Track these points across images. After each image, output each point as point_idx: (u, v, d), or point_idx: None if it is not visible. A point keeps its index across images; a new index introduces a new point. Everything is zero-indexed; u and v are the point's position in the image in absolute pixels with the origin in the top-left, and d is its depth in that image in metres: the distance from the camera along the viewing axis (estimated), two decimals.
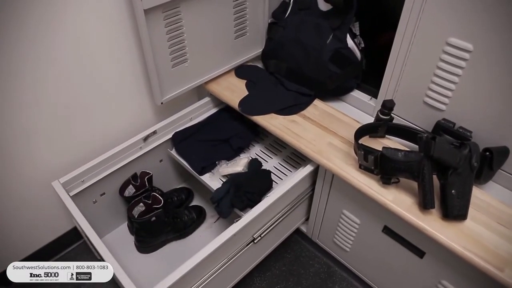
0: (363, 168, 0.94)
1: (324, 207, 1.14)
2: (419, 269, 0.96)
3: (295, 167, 1.24)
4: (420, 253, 0.93)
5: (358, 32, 1.17)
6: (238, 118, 1.26)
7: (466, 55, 0.86)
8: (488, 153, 0.88)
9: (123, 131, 1.22)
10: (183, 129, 1.26)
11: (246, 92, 1.25)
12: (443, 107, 0.97)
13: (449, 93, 0.94)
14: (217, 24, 1.16)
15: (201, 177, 1.18)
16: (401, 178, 0.91)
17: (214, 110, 1.35)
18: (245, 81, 1.29)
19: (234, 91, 1.25)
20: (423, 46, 0.94)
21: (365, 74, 1.21)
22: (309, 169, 1.06)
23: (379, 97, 1.11)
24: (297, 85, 1.24)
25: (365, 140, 1.04)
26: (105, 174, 1.13)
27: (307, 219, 1.26)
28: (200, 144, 1.22)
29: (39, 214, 1.19)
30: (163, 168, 1.35)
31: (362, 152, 0.91)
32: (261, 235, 1.04)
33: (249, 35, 1.29)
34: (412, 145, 1.00)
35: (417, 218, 0.85)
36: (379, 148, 0.88)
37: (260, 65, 1.37)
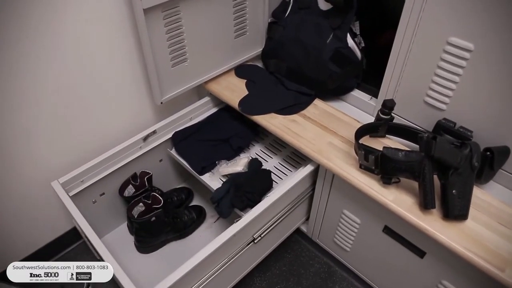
0: (364, 168, 0.94)
1: (325, 207, 1.14)
2: (420, 269, 0.95)
3: (295, 167, 1.24)
4: (421, 253, 0.93)
5: (359, 32, 1.17)
6: (238, 118, 1.26)
7: (467, 55, 0.86)
8: (489, 153, 0.88)
9: (123, 131, 1.22)
10: (183, 129, 1.26)
11: (246, 92, 1.24)
12: (444, 107, 0.97)
13: (450, 93, 0.94)
14: (217, 24, 1.16)
15: (201, 177, 1.18)
16: (402, 178, 0.90)
17: (214, 110, 1.35)
18: (245, 81, 1.29)
19: (234, 91, 1.25)
20: (424, 46, 0.93)
21: (366, 74, 1.21)
22: (309, 169, 1.05)
23: (380, 97, 1.11)
24: (297, 85, 1.23)
25: (366, 140, 1.04)
26: (105, 174, 1.13)
27: (307, 219, 1.26)
28: (200, 144, 1.22)
29: (39, 214, 1.19)
30: (163, 168, 1.35)
31: (363, 152, 0.91)
32: (261, 235, 1.04)
33: (249, 35, 1.29)
34: (413, 145, 1.00)
35: (418, 218, 0.85)
36: (380, 148, 0.88)
37: (260, 65, 1.37)
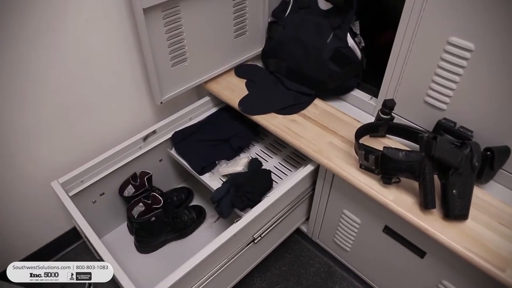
0: (364, 168, 0.94)
1: (325, 207, 1.14)
2: (420, 269, 0.95)
3: (295, 167, 1.24)
4: (421, 253, 0.92)
5: (359, 31, 1.17)
6: (238, 118, 1.25)
7: (467, 54, 0.86)
8: (489, 153, 0.87)
9: (123, 131, 1.22)
10: (183, 129, 1.25)
11: (246, 92, 1.24)
12: (444, 107, 0.97)
13: (450, 93, 0.93)
14: (217, 23, 1.16)
15: (201, 177, 1.17)
16: (402, 178, 0.90)
17: (214, 110, 1.34)
18: (245, 81, 1.29)
19: (234, 91, 1.25)
20: (424, 45, 0.93)
21: (366, 73, 1.21)
22: (310, 169, 1.05)
23: (380, 97, 1.10)
24: (297, 84, 1.23)
25: (366, 140, 1.04)
26: (105, 174, 1.13)
27: (308, 219, 1.26)
28: (200, 144, 1.22)
29: (39, 214, 1.18)
30: (163, 168, 1.35)
31: (363, 152, 0.91)
32: (261, 235, 1.04)
33: (249, 34, 1.28)
34: (413, 145, 1.00)
35: (418, 218, 0.85)
36: (380, 148, 0.88)
37: (260, 64, 1.37)
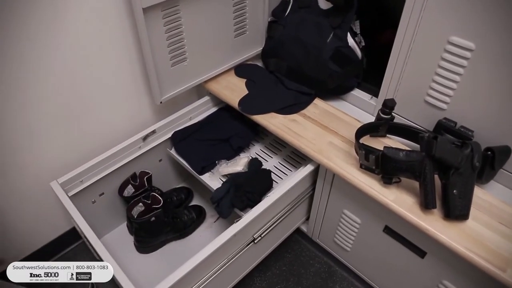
0: (364, 168, 0.93)
1: (325, 207, 1.14)
2: (420, 269, 0.95)
3: (295, 167, 1.23)
4: (421, 253, 0.92)
5: (359, 31, 1.17)
6: (238, 118, 1.25)
7: (468, 54, 0.86)
8: (490, 153, 0.87)
9: (122, 131, 1.21)
10: (183, 129, 1.25)
11: (246, 91, 1.24)
12: (445, 106, 0.96)
13: (451, 92, 0.93)
14: (217, 23, 1.16)
15: (201, 177, 1.17)
16: (403, 178, 0.90)
17: (214, 110, 1.34)
18: (245, 80, 1.29)
19: (234, 90, 1.24)
20: (425, 45, 0.93)
21: (366, 73, 1.21)
22: (310, 169, 1.05)
23: (380, 96, 1.10)
24: (297, 84, 1.23)
25: (366, 140, 1.04)
26: (104, 174, 1.13)
27: (308, 219, 1.26)
28: (200, 144, 1.22)
29: (39, 214, 1.18)
30: (163, 168, 1.34)
31: (363, 152, 0.90)
32: (261, 235, 1.03)
33: (249, 34, 1.28)
34: (414, 145, 1.00)
35: (419, 218, 0.85)
36: (380, 148, 0.88)
37: (260, 64, 1.36)
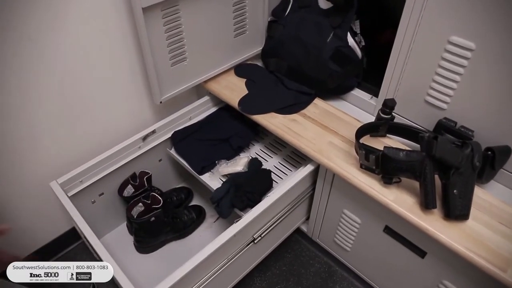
0: (364, 168, 0.93)
1: (325, 207, 1.14)
2: (420, 269, 0.95)
3: (295, 167, 1.23)
4: (422, 253, 0.92)
5: (359, 30, 1.17)
6: (238, 117, 1.25)
7: (468, 54, 0.86)
8: (490, 153, 0.87)
9: (122, 131, 1.21)
10: (183, 128, 1.25)
11: (246, 91, 1.24)
12: (445, 106, 0.96)
13: (451, 92, 0.93)
14: (217, 23, 1.15)
15: (201, 177, 1.17)
16: (403, 178, 0.90)
17: (214, 109, 1.34)
18: (245, 80, 1.28)
19: (234, 90, 1.24)
20: (425, 44, 0.93)
21: (366, 73, 1.21)
22: (310, 169, 1.05)
23: (380, 96, 1.10)
24: (297, 84, 1.23)
25: (366, 139, 1.03)
26: (104, 174, 1.12)
27: (308, 219, 1.26)
28: (200, 144, 1.22)
29: (39, 214, 1.18)
30: (162, 168, 1.34)
31: (363, 152, 0.90)
32: (261, 235, 1.03)
33: (249, 34, 1.28)
34: (414, 145, 1.00)
35: (419, 218, 0.85)
36: (380, 148, 0.88)
37: (260, 64, 1.36)
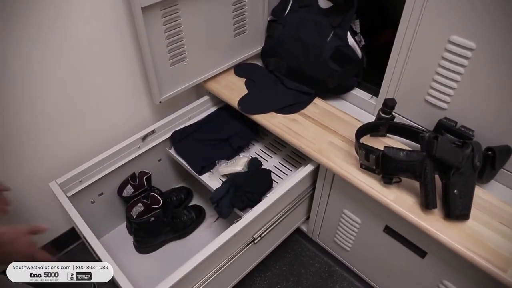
0: (364, 168, 0.93)
1: (325, 207, 1.13)
2: (421, 269, 0.95)
3: (295, 167, 1.23)
4: (422, 253, 0.92)
5: (359, 30, 1.16)
6: (238, 117, 1.25)
7: (469, 53, 0.85)
8: (491, 152, 0.87)
9: (121, 131, 1.21)
10: (182, 128, 1.25)
11: (246, 91, 1.23)
12: (445, 106, 0.96)
13: (451, 92, 0.93)
14: (216, 22, 1.15)
15: (201, 177, 1.17)
16: (403, 178, 0.90)
17: (213, 109, 1.34)
18: (245, 80, 1.28)
19: (234, 90, 1.24)
20: (425, 44, 0.93)
21: (366, 72, 1.20)
22: (310, 169, 1.05)
23: (380, 96, 1.10)
24: (297, 84, 1.23)
25: (366, 139, 1.03)
26: (103, 174, 1.12)
27: (308, 219, 1.26)
28: (199, 143, 1.21)
29: (38, 214, 1.17)
30: (162, 168, 1.34)
31: (364, 152, 0.90)
32: (261, 235, 1.03)
33: (249, 33, 1.27)
34: (414, 144, 0.99)
35: (419, 218, 0.85)
36: (381, 147, 0.88)
37: (260, 63, 1.36)
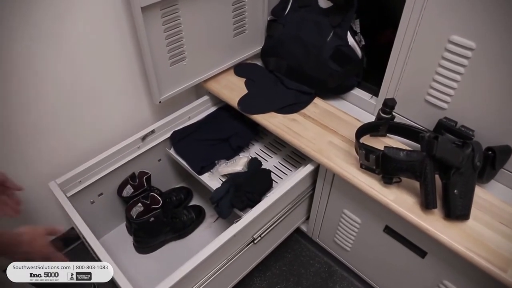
0: (364, 168, 0.93)
1: (325, 207, 1.13)
2: (421, 269, 0.95)
3: (295, 166, 1.23)
4: (422, 253, 0.92)
5: (359, 30, 1.16)
6: (238, 117, 1.25)
7: (469, 53, 0.85)
8: (491, 152, 0.87)
9: (121, 131, 1.21)
10: (182, 128, 1.25)
11: (246, 91, 1.23)
12: (445, 106, 0.96)
13: (451, 92, 0.93)
14: (216, 22, 1.15)
15: (200, 177, 1.17)
16: (403, 178, 0.90)
17: (213, 109, 1.33)
18: (245, 80, 1.28)
19: (233, 90, 1.24)
20: (425, 44, 0.92)
21: (366, 72, 1.20)
22: (310, 169, 1.05)
23: (380, 96, 1.10)
24: (297, 83, 1.22)
25: (366, 139, 1.03)
26: (103, 174, 1.12)
27: (308, 219, 1.26)
28: (199, 143, 1.21)
29: (38, 214, 1.17)
30: (162, 168, 1.34)
31: (364, 152, 0.90)
32: (261, 235, 1.03)
33: (248, 33, 1.27)
34: (414, 144, 0.99)
35: (419, 218, 0.85)
36: (381, 147, 0.88)
37: (260, 63, 1.36)
